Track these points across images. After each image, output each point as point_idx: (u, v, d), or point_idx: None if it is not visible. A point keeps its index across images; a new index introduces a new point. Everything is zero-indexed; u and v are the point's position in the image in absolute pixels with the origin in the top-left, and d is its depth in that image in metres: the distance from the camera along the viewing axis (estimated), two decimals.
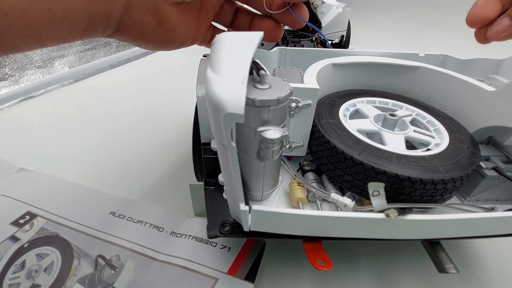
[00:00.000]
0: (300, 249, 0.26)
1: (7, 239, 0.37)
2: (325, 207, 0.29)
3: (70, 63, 0.91)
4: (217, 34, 0.22)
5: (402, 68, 0.39)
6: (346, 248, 0.37)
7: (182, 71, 0.97)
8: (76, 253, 0.35)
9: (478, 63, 0.40)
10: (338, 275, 0.34)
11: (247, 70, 0.17)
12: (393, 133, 0.31)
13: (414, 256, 0.36)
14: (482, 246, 0.38)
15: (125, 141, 0.60)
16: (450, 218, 0.22)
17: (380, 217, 0.22)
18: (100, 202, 0.43)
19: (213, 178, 0.32)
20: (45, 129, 0.64)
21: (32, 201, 0.42)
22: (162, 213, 0.41)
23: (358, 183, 0.26)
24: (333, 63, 0.37)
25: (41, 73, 0.83)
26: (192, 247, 0.36)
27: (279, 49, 0.42)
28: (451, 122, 0.33)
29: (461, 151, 0.28)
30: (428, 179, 0.24)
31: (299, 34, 0.88)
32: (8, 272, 0.33)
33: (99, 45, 1.01)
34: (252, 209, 0.22)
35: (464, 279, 0.34)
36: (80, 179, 0.48)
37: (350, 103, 0.36)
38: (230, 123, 0.16)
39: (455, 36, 1.34)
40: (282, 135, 0.20)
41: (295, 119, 0.29)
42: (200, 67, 0.32)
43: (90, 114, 0.71)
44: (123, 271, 0.33)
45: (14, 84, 0.77)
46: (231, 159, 0.19)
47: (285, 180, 0.32)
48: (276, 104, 0.21)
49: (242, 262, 0.33)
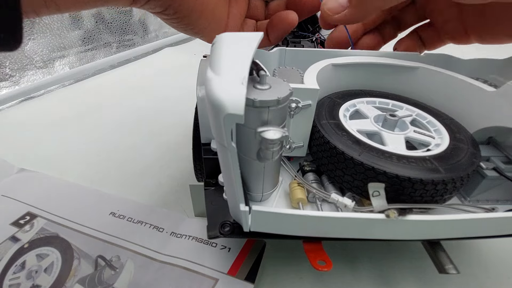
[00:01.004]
0: (300, 249, 0.26)
1: (7, 239, 0.37)
2: (325, 207, 0.29)
3: (70, 63, 0.91)
4: None
5: (402, 69, 0.39)
6: (347, 248, 0.37)
7: (182, 71, 0.97)
8: (76, 254, 0.35)
9: (478, 63, 0.40)
10: (339, 275, 0.34)
11: (247, 71, 0.17)
12: (393, 133, 0.31)
13: (414, 256, 0.36)
14: (482, 247, 0.38)
15: (125, 141, 0.60)
16: (451, 219, 0.22)
17: (380, 218, 0.22)
18: (100, 202, 0.43)
19: (213, 178, 0.32)
20: (46, 129, 0.64)
21: (32, 202, 0.42)
22: (162, 214, 0.41)
23: (358, 184, 0.26)
24: (333, 63, 0.37)
25: (41, 73, 0.83)
26: (192, 247, 0.36)
27: (279, 50, 0.42)
28: (451, 122, 0.33)
29: (461, 151, 0.28)
30: (429, 180, 0.24)
31: (299, 34, 0.88)
32: (8, 273, 0.33)
33: (99, 46, 1.01)
34: (252, 210, 0.22)
35: (464, 280, 0.34)
36: (81, 179, 0.48)
37: (350, 104, 0.35)
38: (230, 123, 0.16)
39: None
40: (282, 135, 0.20)
41: (295, 120, 0.29)
42: (200, 68, 0.32)
43: (90, 114, 0.71)
44: (123, 271, 0.33)
45: (15, 85, 0.77)
46: (231, 159, 0.19)
47: (285, 180, 0.32)
48: (276, 105, 0.21)
49: (242, 262, 0.33)
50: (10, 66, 0.75)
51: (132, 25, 1.13)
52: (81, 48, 0.94)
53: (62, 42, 0.87)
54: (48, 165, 0.52)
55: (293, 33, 0.90)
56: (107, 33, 1.03)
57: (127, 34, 1.12)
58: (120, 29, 1.08)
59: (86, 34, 0.95)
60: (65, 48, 0.89)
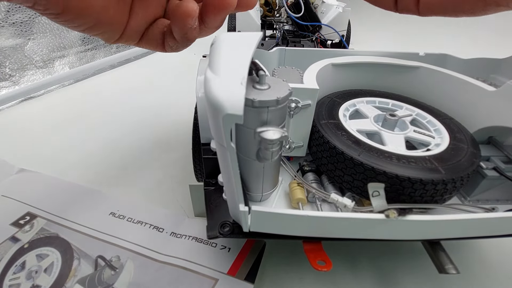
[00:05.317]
0: (300, 249, 0.26)
1: (7, 239, 0.37)
2: (325, 207, 0.29)
3: (70, 63, 0.91)
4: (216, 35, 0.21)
5: (402, 68, 0.39)
6: (346, 248, 0.37)
7: (182, 71, 0.97)
8: (76, 254, 0.35)
9: (478, 63, 0.40)
10: (338, 275, 0.34)
11: (246, 71, 0.17)
12: (393, 133, 0.31)
13: (414, 256, 0.36)
14: (482, 247, 0.38)
15: (125, 141, 0.60)
16: (451, 219, 0.22)
17: (380, 218, 0.22)
18: (100, 202, 0.43)
19: (213, 178, 0.32)
20: (46, 129, 0.64)
21: (32, 202, 0.42)
22: (162, 214, 0.41)
23: (358, 184, 0.26)
24: (333, 63, 0.37)
25: (41, 73, 0.83)
26: (192, 247, 0.36)
27: (278, 49, 0.42)
28: (451, 122, 0.33)
29: (461, 151, 0.28)
30: (428, 180, 0.24)
31: (299, 34, 0.88)
32: (8, 273, 0.33)
33: (99, 46, 1.01)
34: (252, 210, 0.22)
35: (464, 280, 0.34)
36: (80, 179, 0.48)
37: (350, 103, 0.35)
38: (229, 124, 0.16)
39: (455, 36, 1.34)
40: (282, 135, 0.20)
41: (294, 120, 0.29)
42: (200, 68, 0.32)
43: (90, 114, 0.71)
44: (123, 271, 0.33)
45: (15, 85, 0.77)
46: (231, 159, 0.19)
47: (285, 180, 0.32)
48: (275, 105, 0.21)
49: (242, 262, 0.33)
50: (10, 66, 0.75)
51: None
52: (81, 48, 0.94)
53: (62, 42, 0.87)
54: (48, 165, 0.52)
55: (293, 32, 0.90)
56: None
57: None
58: None
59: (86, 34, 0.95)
60: (65, 48, 0.89)
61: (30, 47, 0.78)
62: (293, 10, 0.91)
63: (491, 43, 1.36)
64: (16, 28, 0.74)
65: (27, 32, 0.76)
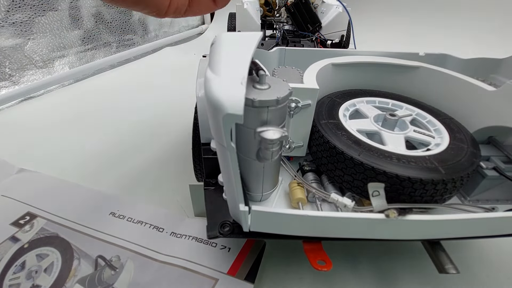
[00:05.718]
0: (300, 249, 0.26)
1: (7, 239, 0.37)
2: (325, 207, 0.29)
3: (70, 63, 0.91)
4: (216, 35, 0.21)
5: (402, 68, 0.39)
6: (346, 248, 0.37)
7: (182, 71, 0.97)
8: (76, 254, 0.35)
9: (478, 63, 0.40)
10: (338, 275, 0.34)
11: (246, 71, 0.17)
12: (393, 133, 0.31)
13: (414, 256, 0.36)
14: (482, 247, 0.38)
15: (125, 141, 0.60)
16: (451, 219, 0.22)
17: (380, 218, 0.22)
18: (100, 202, 0.43)
19: (213, 178, 0.32)
20: (45, 129, 0.64)
21: (32, 202, 0.42)
22: (162, 214, 0.41)
23: (358, 184, 0.26)
24: (332, 63, 0.37)
25: (41, 73, 0.83)
26: (192, 247, 0.36)
27: (278, 49, 0.42)
28: (451, 122, 0.33)
29: (461, 151, 0.28)
30: (428, 179, 0.24)
31: (299, 34, 0.88)
32: (8, 273, 0.33)
33: (99, 45, 1.01)
34: (252, 210, 0.22)
35: (464, 280, 0.34)
36: (80, 179, 0.48)
37: (350, 103, 0.35)
38: (229, 123, 0.16)
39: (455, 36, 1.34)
40: (282, 135, 0.20)
41: (294, 119, 0.29)
42: (200, 67, 0.32)
43: (90, 114, 0.71)
44: (123, 271, 0.33)
45: (14, 85, 0.77)
46: (231, 159, 0.19)
47: (285, 180, 0.32)
48: (275, 105, 0.21)
49: (242, 262, 0.33)
50: (10, 66, 0.75)
51: (131, 24, 1.13)
52: (81, 48, 0.94)
53: (62, 42, 0.87)
54: (48, 165, 0.52)
55: (293, 32, 0.90)
56: (107, 32, 1.03)
57: (127, 34, 1.12)
58: (120, 28, 1.08)
59: (86, 34, 0.95)
60: (65, 48, 0.89)
61: (30, 47, 0.78)
62: (293, 10, 0.91)
63: (491, 43, 1.36)
64: (16, 28, 0.74)
65: (27, 32, 0.76)
